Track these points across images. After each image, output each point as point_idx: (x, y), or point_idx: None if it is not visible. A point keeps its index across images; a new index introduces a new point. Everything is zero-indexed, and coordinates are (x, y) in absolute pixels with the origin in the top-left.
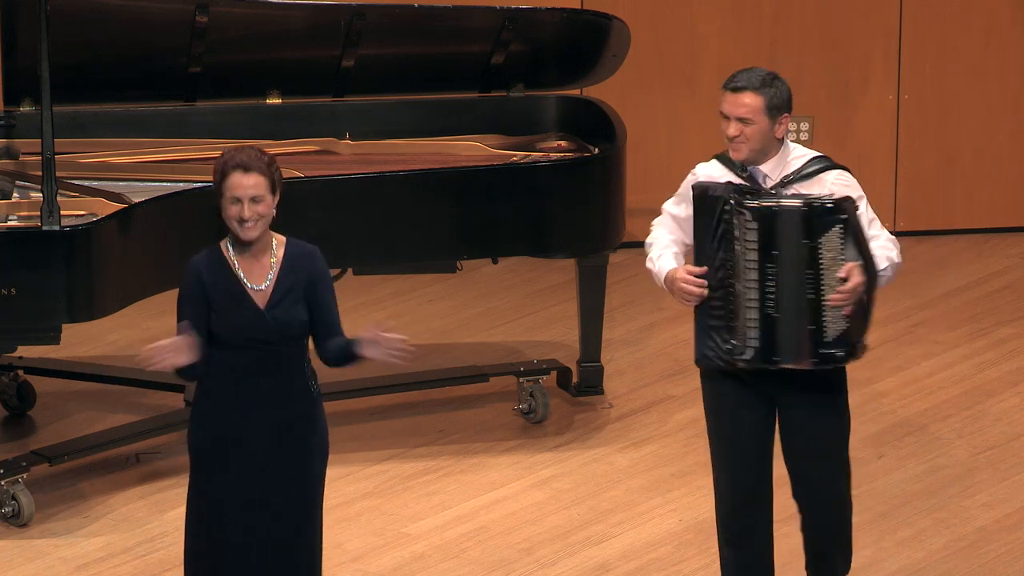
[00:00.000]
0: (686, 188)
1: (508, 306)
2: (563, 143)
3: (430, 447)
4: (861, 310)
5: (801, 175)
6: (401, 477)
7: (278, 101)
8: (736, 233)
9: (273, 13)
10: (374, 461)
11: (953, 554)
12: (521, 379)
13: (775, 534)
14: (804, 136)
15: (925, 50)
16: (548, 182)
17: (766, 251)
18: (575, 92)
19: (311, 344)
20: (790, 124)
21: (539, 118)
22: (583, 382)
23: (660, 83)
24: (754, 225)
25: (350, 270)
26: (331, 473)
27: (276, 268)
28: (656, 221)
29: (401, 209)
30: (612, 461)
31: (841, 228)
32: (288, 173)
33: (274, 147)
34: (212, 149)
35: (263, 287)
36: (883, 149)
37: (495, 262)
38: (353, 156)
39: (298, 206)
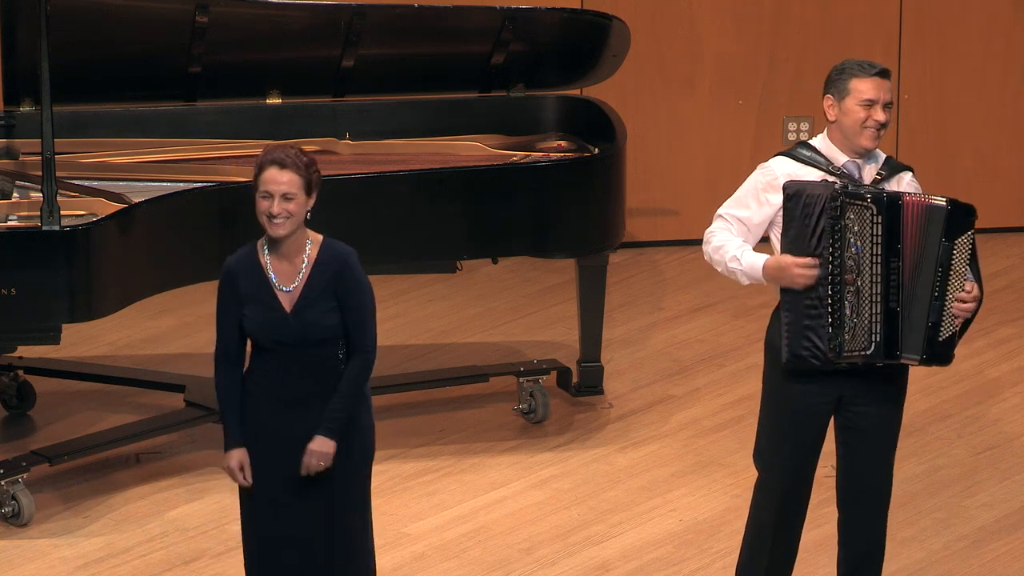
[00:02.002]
0: (753, 188)
1: (508, 306)
2: (563, 143)
3: (430, 447)
4: (965, 323)
5: (888, 172)
6: (401, 477)
7: (278, 101)
8: (854, 227)
9: (273, 13)
10: (374, 461)
11: (953, 554)
12: (521, 379)
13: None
14: (804, 136)
15: (925, 50)
16: (548, 182)
17: (891, 244)
18: (575, 92)
19: None
20: (789, 124)
21: (539, 118)
22: (583, 382)
23: (660, 83)
24: (879, 218)
25: None
26: None
27: (307, 270)
28: (713, 228)
29: (401, 209)
30: (612, 461)
31: (972, 234)
32: None
33: None
34: (212, 149)
35: (291, 289)
36: (883, 149)
37: (495, 262)
38: (353, 156)
39: None
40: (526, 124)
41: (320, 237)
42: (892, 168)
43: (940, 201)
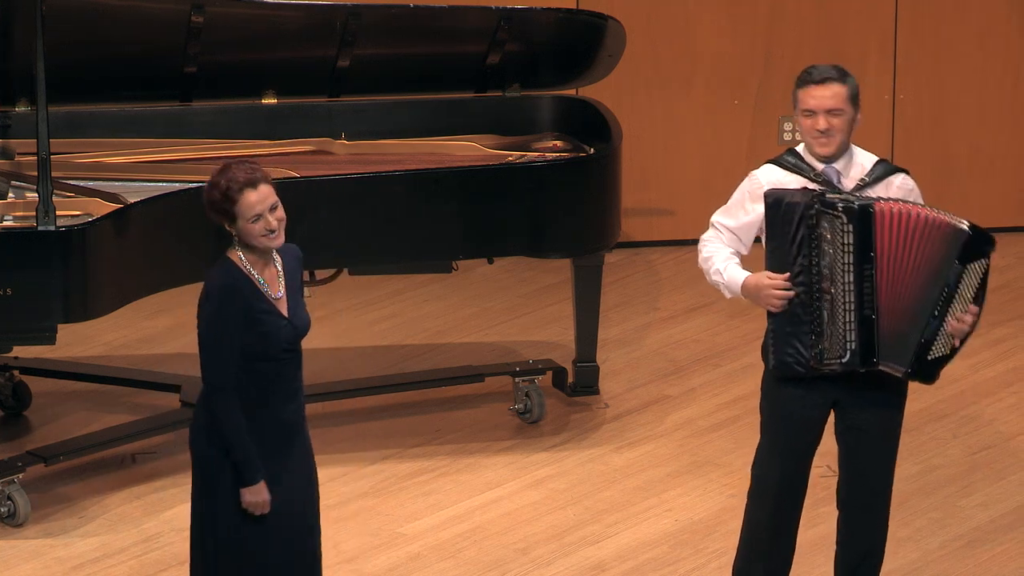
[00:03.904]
0: (741, 196)
1: (504, 306)
2: (559, 143)
3: (426, 447)
4: (959, 346)
5: (874, 178)
6: (397, 477)
7: (274, 101)
8: (827, 236)
9: (268, 13)
10: (370, 461)
11: (949, 554)
12: (517, 379)
13: None
14: (800, 136)
15: (921, 49)
16: (544, 182)
17: (863, 252)
18: (571, 92)
19: None
20: (785, 124)
21: (535, 118)
22: (579, 382)
23: (656, 83)
24: (850, 227)
25: (346, 270)
26: (327, 473)
27: (282, 274)
28: (707, 236)
29: (397, 209)
30: (607, 461)
31: (985, 262)
32: (283, 173)
33: (270, 147)
34: (208, 149)
35: (280, 295)
36: (879, 148)
37: (491, 262)
38: (348, 156)
39: (293, 207)
40: (522, 124)
41: None
42: (882, 172)
43: (963, 224)
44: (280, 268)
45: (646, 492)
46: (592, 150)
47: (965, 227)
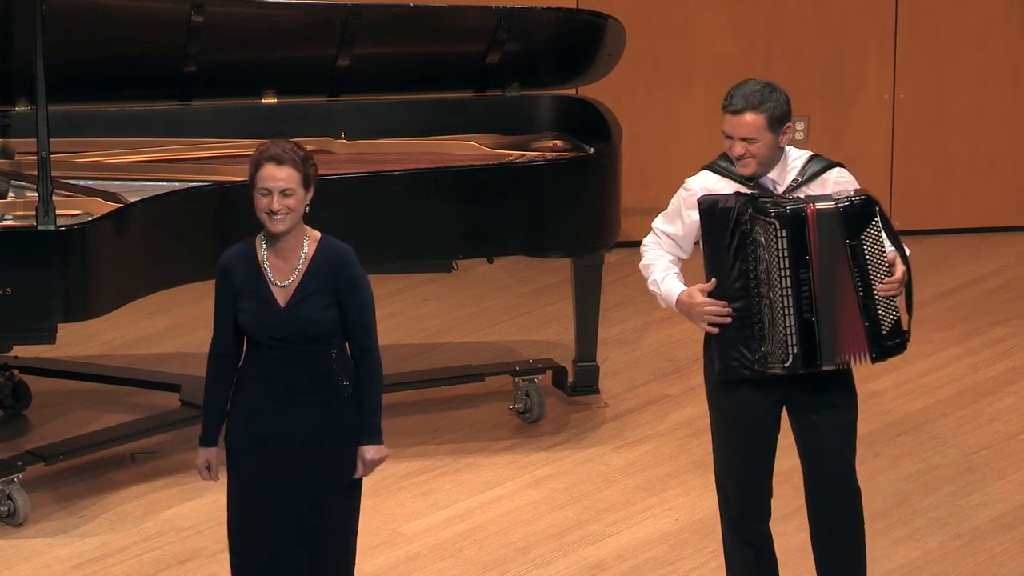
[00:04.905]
0: (678, 205)
1: (503, 306)
2: (558, 143)
3: (425, 447)
4: (907, 297)
5: (807, 177)
6: (396, 477)
7: (274, 101)
8: (762, 241)
9: (268, 12)
10: None
11: (948, 553)
12: (516, 379)
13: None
14: (799, 135)
15: (921, 48)
16: (544, 182)
17: (799, 257)
18: (571, 92)
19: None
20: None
21: (534, 117)
22: (578, 382)
23: (656, 82)
24: (784, 233)
25: None
26: None
27: (303, 266)
28: (647, 241)
29: (396, 209)
30: (607, 460)
31: (877, 222)
32: None
33: None
34: (207, 149)
35: (287, 284)
36: (878, 148)
37: (490, 261)
38: (348, 156)
39: None
40: (521, 124)
41: (318, 234)
42: (816, 170)
43: (829, 205)
44: (304, 261)
45: (646, 492)
46: (592, 150)
47: (832, 206)
